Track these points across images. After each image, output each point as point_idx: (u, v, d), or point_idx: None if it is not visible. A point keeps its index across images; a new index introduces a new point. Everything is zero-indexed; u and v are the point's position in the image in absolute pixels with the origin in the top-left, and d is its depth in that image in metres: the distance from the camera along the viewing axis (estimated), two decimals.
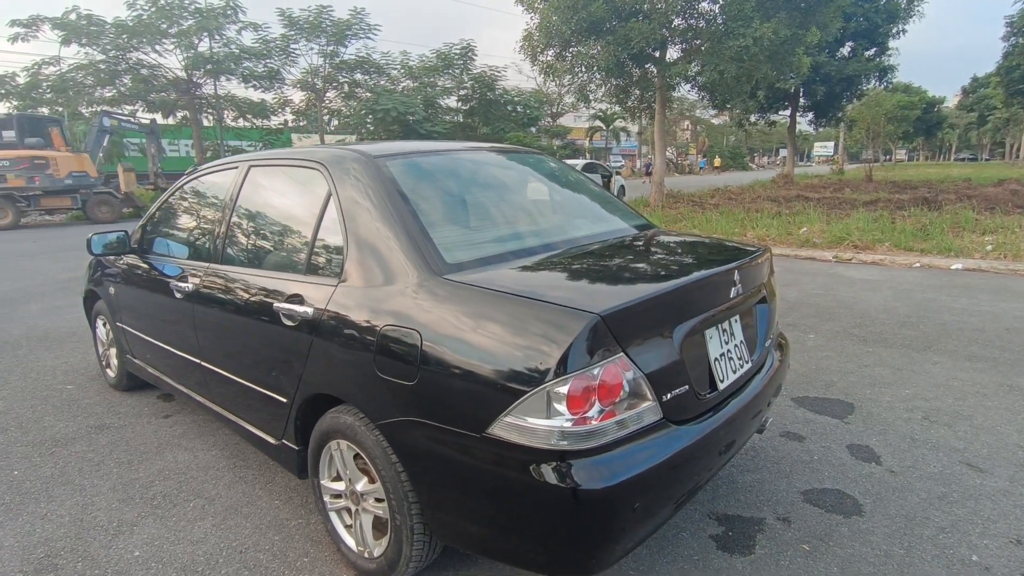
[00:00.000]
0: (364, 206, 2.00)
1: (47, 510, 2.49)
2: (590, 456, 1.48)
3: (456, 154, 2.50)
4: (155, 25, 20.06)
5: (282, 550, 2.21)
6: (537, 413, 1.47)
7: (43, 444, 3.08)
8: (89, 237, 3.09)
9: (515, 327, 1.55)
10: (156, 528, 2.36)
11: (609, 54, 12.99)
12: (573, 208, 2.63)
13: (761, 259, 2.23)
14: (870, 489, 2.52)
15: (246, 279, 2.37)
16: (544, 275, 1.84)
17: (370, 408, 1.82)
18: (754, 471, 2.69)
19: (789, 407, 3.35)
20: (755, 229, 10.40)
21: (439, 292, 1.73)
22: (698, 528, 2.29)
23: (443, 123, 27.61)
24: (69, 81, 20.28)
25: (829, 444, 2.92)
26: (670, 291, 1.68)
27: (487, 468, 1.56)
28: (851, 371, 3.90)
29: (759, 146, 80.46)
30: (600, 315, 1.47)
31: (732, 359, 1.96)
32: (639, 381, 1.56)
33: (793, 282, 6.78)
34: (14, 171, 14.72)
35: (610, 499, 1.47)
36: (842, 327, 4.91)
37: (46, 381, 3.99)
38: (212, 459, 2.90)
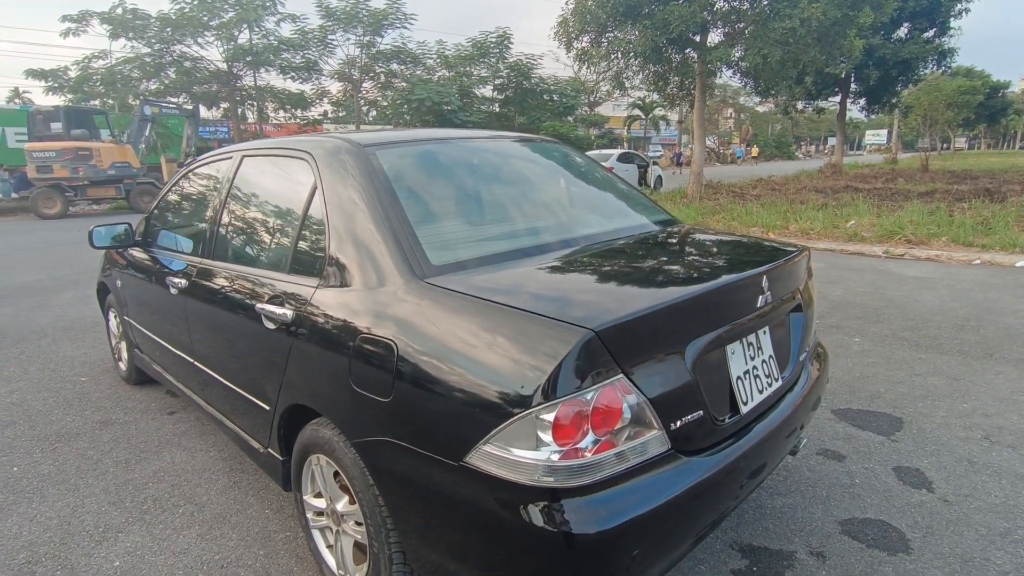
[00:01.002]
0: (347, 199, 1.82)
1: (37, 511, 2.42)
2: (582, 494, 1.27)
3: (457, 143, 2.29)
4: (197, 18, 20.45)
5: (265, 567, 2.07)
6: (520, 443, 1.27)
7: (47, 439, 3.04)
8: (91, 229, 3.02)
9: (498, 342, 1.35)
10: (141, 536, 2.25)
11: (647, 39, 12.51)
12: (586, 202, 2.39)
13: (796, 261, 1.96)
14: (919, 521, 2.22)
15: (234, 276, 2.23)
16: (540, 280, 1.62)
17: (346, 424, 1.65)
18: (786, 495, 2.42)
19: (829, 420, 3.04)
20: (798, 222, 9.87)
21: (418, 298, 1.53)
22: (719, 560, 2.04)
23: (478, 113, 27.42)
24: (117, 74, 20.90)
25: (873, 465, 2.62)
26: (682, 301, 1.44)
27: (465, 502, 1.36)
28: (900, 380, 3.55)
29: (806, 134, 77.50)
30: (595, 331, 1.25)
31: (759, 377, 1.71)
32: (642, 407, 1.33)
33: (838, 279, 6.35)
34: (60, 161, 15.23)
35: (604, 546, 1.26)
36: (891, 330, 4.52)
37: (62, 372, 3.99)
38: (209, 461, 2.80)
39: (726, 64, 14.32)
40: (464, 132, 2.43)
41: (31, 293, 6.44)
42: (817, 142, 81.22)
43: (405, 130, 2.32)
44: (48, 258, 8.80)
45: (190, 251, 2.63)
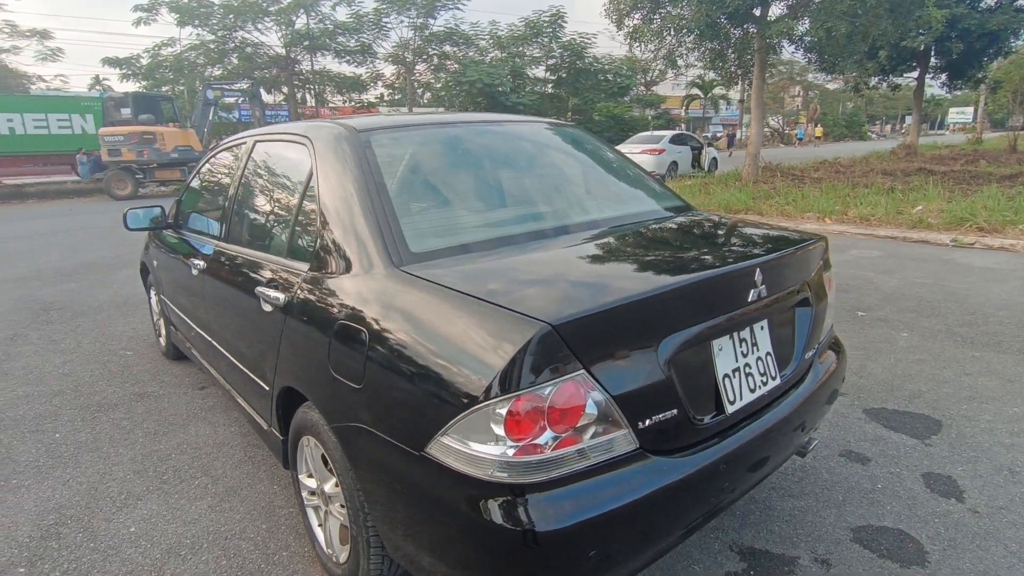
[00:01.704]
0: (337, 183, 1.83)
1: (71, 476, 2.59)
2: (539, 491, 1.24)
3: (457, 127, 2.25)
4: (257, 4, 21.06)
5: (265, 540, 2.14)
6: (476, 436, 1.24)
7: (88, 409, 3.25)
8: (125, 212, 3.17)
9: (460, 332, 1.32)
10: (157, 504, 2.38)
11: (701, 14, 11.98)
12: (587, 188, 2.31)
13: (801, 252, 1.82)
14: (942, 533, 2.07)
15: (242, 258, 2.30)
16: (516, 269, 1.58)
17: (326, 409, 1.67)
18: (798, 497, 2.30)
19: (858, 420, 2.87)
20: (858, 207, 9.30)
21: (393, 285, 1.53)
22: (714, 562, 1.97)
23: (530, 94, 27.13)
24: (184, 61, 21.85)
25: (900, 470, 2.45)
26: (653, 296, 1.36)
27: (425, 491, 1.36)
28: (947, 380, 3.30)
29: (882, 113, 72.71)
30: (552, 324, 1.20)
31: (752, 375, 1.61)
32: (607, 404, 1.28)
33: (895, 269, 5.96)
34: (127, 145, 16.16)
35: (558, 545, 1.22)
36: (946, 325, 4.21)
37: (111, 346, 4.24)
38: (229, 436, 2.91)
39: (787, 39, 13.55)
40: (467, 116, 2.39)
41: (94, 270, 6.88)
42: (893, 121, 76.09)
43: (411, 115, 2.30)
44: (114, 237, 9.35)
45: (209, 233, 2.72)
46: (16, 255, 8.18)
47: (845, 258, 6.55)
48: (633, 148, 17.03)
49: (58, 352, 4.14)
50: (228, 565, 2.02)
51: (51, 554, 2.10)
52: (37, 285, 6.23)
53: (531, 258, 1.65)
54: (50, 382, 3.62)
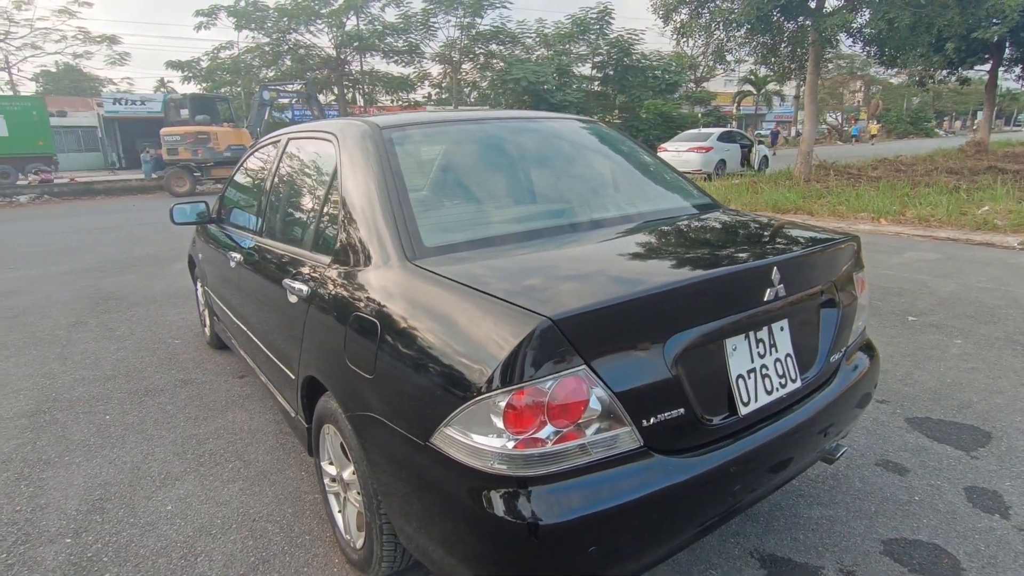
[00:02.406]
0: (358, 179, 1.87)
1: (117, 455, 2.75)
2: (537, 484, 1.24)
3: (479, 125, 2.27)
4: (310, 7, 21.69)
5: (290, 524, 2.22)
6: (478, 428, 1.26)
7: (137, 393, 3.43)
8: (172, 207, 3.32)
9: (464, 325, 1.34)
10: (193, 485, 2.49)
11: (750, 7, 11.62)
12: (608, 185, 2.28)
13: (830, 251, 1.76)
14: (982, 550, 1.95)
15: (272, 251, 2.38)
16: (525, 264, 1.58)
17: (343, 398, 1.72)
18: (828, 505, 2.22)
19: (898, 429, 2.74)
20: (917, 207, 8.85)
21: (404, 279, 1.55)
22: (733, 567, 1.92)
23: (576, 92, 26.98)
24: (241, 63, 22.73)
25: (941, 483, 2.33)
26: (659, 293, 1.34)
27: (431, 481, 1.38)
28: (1001, 390, 3.11)
29: (951, 109, 68.78)
30: (553, 319, 1.20)
31: (769, 376, 1.56)
32: (610, 400, 1.27)
33: (953, 272, 5.65)
34: (183, 144, 16.99)
35: (558, 539, 1.22)
36: (1005, 332, 3.96)
37: (161, 335, 4.47)
38: (263, 423, 3.03)
39: (845, 31, 12.99)
40: (491, 113, 2.40)
41: (151, 263, 7.25)
42: (964, 117, 71.86)
43: (436, 112, 2.33)
44: (169, 232, 9.78)
45: (246, 227, 2.83)
46: (83, 247, 8.71)
47: (899, 260, 6.25)
48: (679, 146, 16.71)
49: (113, 339, 4.39)
50: (254, 546, 2.10)
51: (95, 527, 2.23)
52: (99, 276, 6.61)
53: (541, 253, 1.65)
54: (104, 367, 3.84)
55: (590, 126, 2.61)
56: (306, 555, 2.05)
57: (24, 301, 5.61)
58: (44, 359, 4.02)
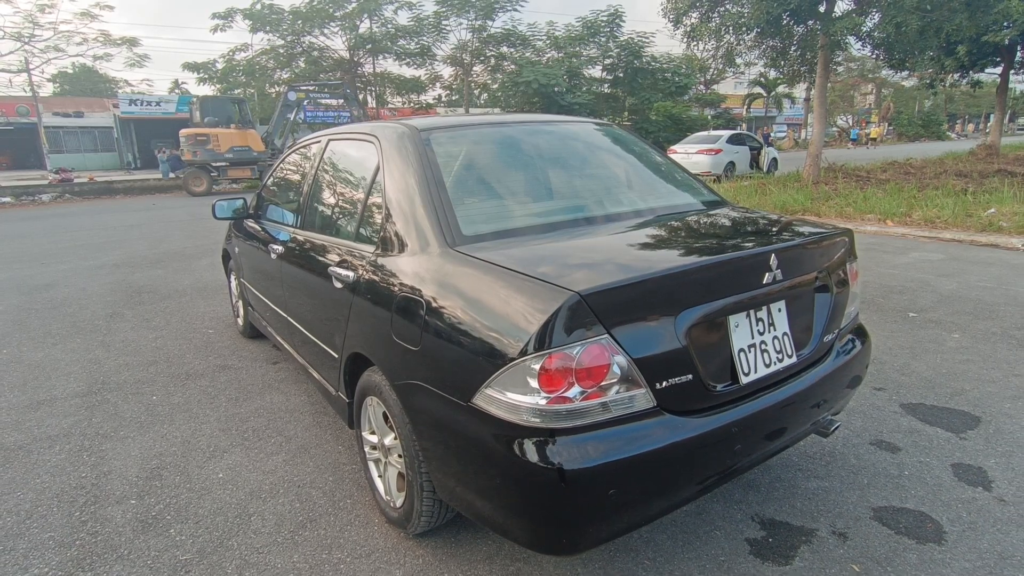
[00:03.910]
0: (399, 176, 2.09)
1: (167, 431, 2.99)
2: (564, 436, 1.45)
3: (506, 127, 2.49)
4: (324, 10, 22.04)
5: (332, 490, 2.44)
6: (515, 388, 1.47)
7: (179, 377, 3.67)
8: (214, 203, 3.56)
9: (502, 300, 1.55)
10: (240, 457, 2.72)
11: (760, 11, 11.78)
12: (624, 182, 2.49)
13: (824, 242, 1.96)
14: (963, 516, 2.15)
15: (316, 243, 2.60)
16: (554, 250, 1.79)
17: (388, 369, 1.93)
18: (823, 478, 2.42)
19: (893, 413, 2.93)
20: (924, 209, 8.99)
21: (446, 262, 1.77)
22: (735, 529, 2.12)
23: (586, 94, 27.19)
24: (255, 65, 23.12)
25: (930, 460, 2.52)
26: (671, 274, 1.55)
27: (471, 436, 1.59)
28: (993, 380, 3.29)
29: (963, 112, 68.34)
30: (580, 294, 1.41)
31: (767, 352, 1.77)
32: (628, 364, 1.48)
33: (956, 272, 5.81)
34: (187, 146, 17.42)
35: (581, 481, 1.43)
36: (1001, 327, 4.13)
37: (195, 325, 4.72)
38: (300, 403, 3.26)
39: (854, 35, 13.12)
40: (516, 116, 2.61)
41: (178, 259, 7.52)
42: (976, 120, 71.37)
43: (466, 116, 2.55)
44: (193, 229, 10.13)
45: (286, 222, 3.06)
46: (110, 244, 9.01)
47: (903, 260, 6.41)
48: (689, 148, 16.86)
49: (150, 329, 4.64)
50: (301, 508, 2.33)
51: (155, 491, 2.46)
52: (129, 271, 6.89)
53: (567, 241, 1.86)
54: (145, 354, 4.09)
55: (604, 128, 2.82)
56: (348, 516, 2.27)
57: (61, 293, 5.89)
58: (88, 346, 4.27)
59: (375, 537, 2.14)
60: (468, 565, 1.98)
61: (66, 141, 32.51)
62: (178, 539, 2.16)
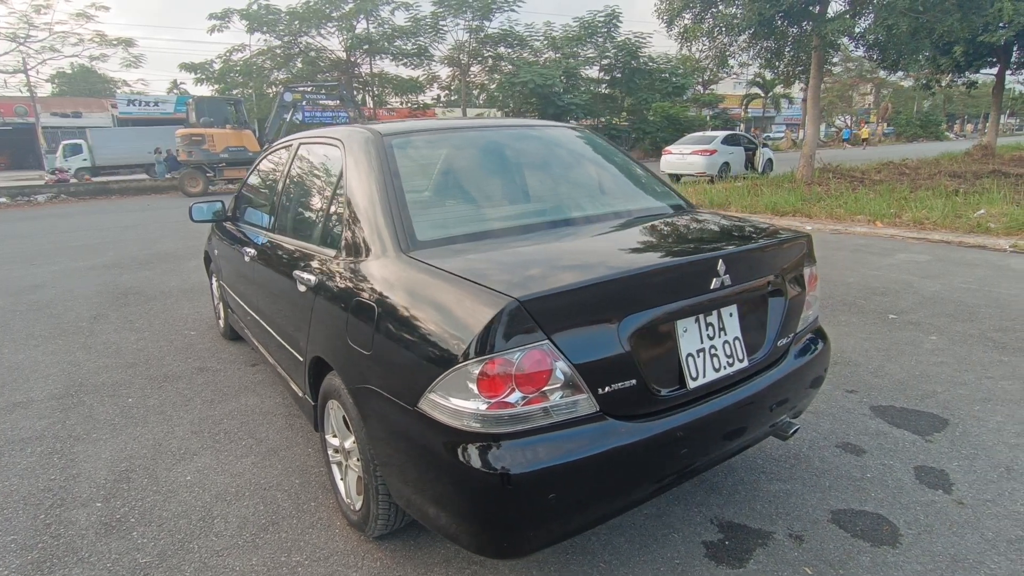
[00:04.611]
0: (360, 181, 2.10)
1: (140, 433, 3.00)
2: (506, 441, 1.47)
3: (471, 132, 2.50)
4: (321, 10, 22.06)
5: (297, 493, 2.45)
6: (457, 393, 1.48)
7: (156, 379, 3.69)
8: (191, 206, 3.57)
9: (446, 306, 1.56)
10: (210, 459, 2.73)
11: (752, 12, 11.79)
12: (587, 186, 2.50)
13: (776, 247, 1.97)
14: (920, 519, 2.16)
15: (284, 246, 2.62)
16: (505, 255, 1.80)
17: (344, 373, 1.95)
18: (785, 481, 2.43)
19: (862, 416, 2.94)
20: (913, 211, 8.99)
21: (399, 268, 1.78)
22: (693, 531, 2.14)
23: (582, 94, 27.20)
24: (252, 65, 23.14)
25: (893, 462, 2.53)
26: (612, 280, 1.56)
27: (417, 440, 1.61)
28: (965, 382, 3.30)
29: (962, 112, 68.33)
30: (519, 300, 1.43)
31: (717, 356, 1.78)
32: (570, 371, 1.49)
33: (940, 273, 5.82)
34: (182, 147, 17.47)
35: (521, 486, 1.44)
36: (979, 330, 4.14)
37: (177, 327, 4.73)
38: (274, 406, 3.27)
39: (847, 36, 13.14)
40: (484, 122, 2.62)
41: (166, 260, 7.54)
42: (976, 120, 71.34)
43: (435, 120, 2.56)
44: (186, 230, 10.12)
45: (260, 225, 3.08)
46: (103, 245, 9.03)
47: (889, 262, 6.42)
48: (683, 148, 16.87)
49: (133, 330, 4.66)
50: (265, 510, 2.34)
51: (122, 494, 2.48)
52: (118, 272, 6.91)
53: (518, 246, 1.87)
54: (125, 355, 4.10)
55: (576, 133, 2.83)
56: (311, 519, 2.28)
57: (48, 295, 5.90)
58: (69, 348, 4.29)
59: (335, 540, 2.15)
60: (425, 568, 1.99)
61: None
62: (140, 542, 2.17)
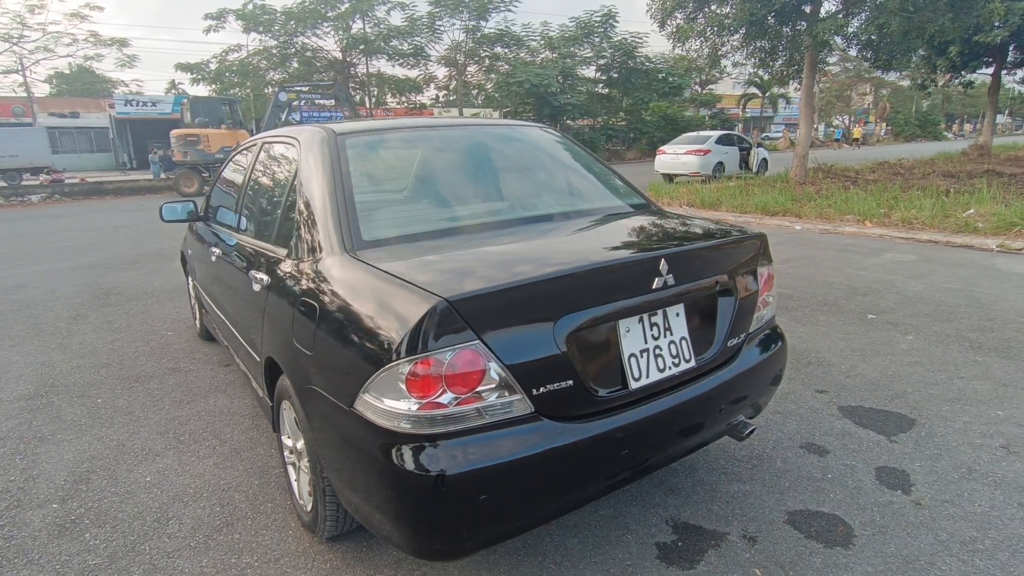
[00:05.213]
0: (310, 180, 2.09)
1: (105, 434, 2.99)
2: (437, 442, 1.45)
3: (428, 132, 2.49)
4: (316, 10, 22.06)
5: (255, 493, 2.44)
6: (389, 393, 1.47)
7: (128, 379, 3.67)
8: (161, 205, 3.56)
9: (381, 306, 1.55)
10: (171, 460, 2.72)
11: (744, 12, 11.78)
12: (544, 186, 2.49)
13: (725, 247, 1.96)
14: (876, 520, 2.14)
15: (244, 245, 2.61)
16: (446, 255, 1.79)
17: (292, 374, 1.93)
18: (745, 481, 2.42)
19: (830, 416, 2.93)
20: (903, 210, 8.98)
21: (342, 268, 1.77)
22: (647, 532, 2.12)
23: (579, 94, 27.18)
24: (248, 65, 23.14)
25: (855, 463, 2.52)
26: (546, 279, 1.54)
27: (353, 440, 1.59)
28: (937, 382, 3.29)
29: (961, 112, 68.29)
30: (448, 300, 1.41)
31: (662, 356, 1.76)
32: (502, 371, 1.48)
33: (924, 273, 5.81)
34: (177, 147, 17.46)
35: (452, 488, 1.43)
36: (957, 330, 4.13)
37: (155, 327, 4.72)
38: (243, 407, 3.25)
39: (840, 35, 13.11)
40: (446, 120, 2.62)
41: (152, 260, 7.53)
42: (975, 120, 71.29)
43: (391, 119, 2.55)
44: (175, 231, 10.07)
45: (225, 224, 3.07)
46: (91, 245, 9.02)
47: (875, 262, 6.41)
48: (677, 148, 16.85)
49: (111, 331, 4.64)
50: (221, 512, 2.32)
51: (80, 495, 2.46)
52: (103, 272, 6.90)
53: (463, 246, 1.86)
54: (99, 356, 4.09)
55: (541, 133, 2.82)
56: (266, 520, 2.27)
57: (30, 295, 5.89)
58: (45, 349, 4.28)
59: (288, 541, 2.14)
60: (374, 569, 1.98)
61: (62, 141, 32.48)
62: (92, 543, 2.16)
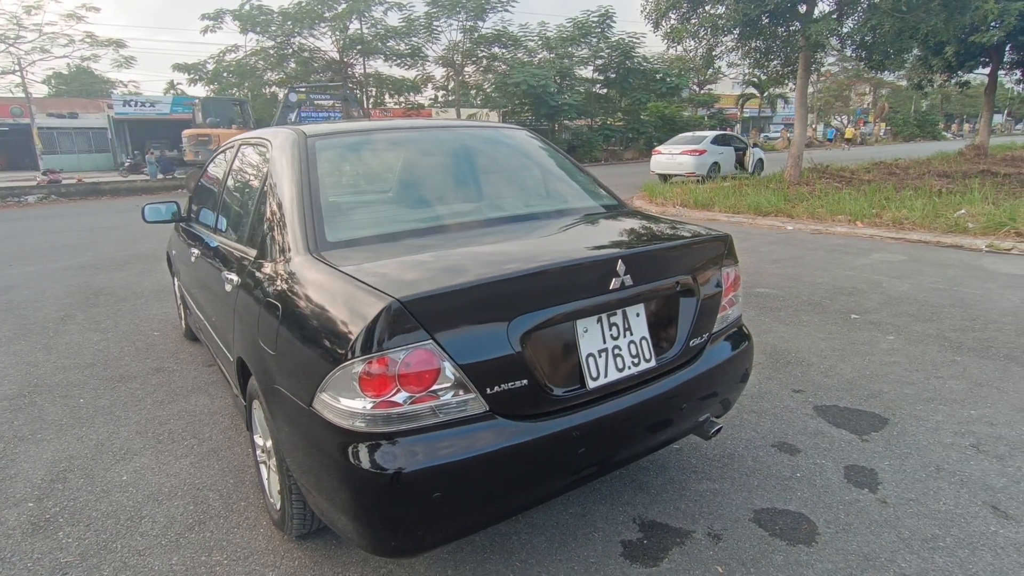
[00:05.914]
0: (279, 181, 2.12)
1: (85, 434, 3.01)
2: (391, 440, 1.47)
3: (401, 133, 2.51)
4: (313, 11, 22.09)
5: (230, 492, 2.46)
6: (344, 392, 1.49)
7: (111, 379, 3.69)
8: (143, 207, 3.58)
9: (337, 306, 1.57)
10: (149, 460, 2.74)
11: (737, 12, 11.80)
12: (514, 187, 2.51)
13: (685, 247, 1.98)
14: (840, 518, 2.16)
15: (218, 246, 2.63)
16: (406, 256, 1.80)
17: (257, 373, 1.96)
18: (715, 480, 2.44)
19: (804, 416, 2.95)
20: (894, 210, 9.00)
21: (303, 268, 1.79)
22: (614, 530, 2.14)
23: (577, 94, 27.20)
24: (245, 66, 23.16)
25: (825, 462, 2.54)
26: (497, 280, 1.56)
27: (311, 438, 1.61)
28: (913, 382, 3.31)
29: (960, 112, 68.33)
30: (401, 300, 1.43)
31: (621, 356, 1.78)
32: (456, 371, 1.50)
33: (911, 273, 5.83)
34: (189, 147, 17.51)
35: (406, 486, 1.45)
36: (938, 329, 4.15)
37: (142, 327, 4.74)
38: (223, 406, 3.28)
39: (834, 36, 13.13)
40: (418, 122, 2.64)
41: (144, 261, 7.55)
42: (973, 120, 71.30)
43: (363, 121, 2.57)
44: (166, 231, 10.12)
45: (205, 224, 3.09)
46: (84, 245, 9.04)
47: (863, 262, 6.43)
48: (673, 149, 16.87)
49: (98, 331, 4.67)
50: (194, 510, 2.35)
51: (56, 494, 2.48)
52: (93, 272, 6.92)
53: (425, 247, 1.88)
54: (85, 356, 4.11)
55: (514, 134, 2.84)
56: (239, 518, 2.29)
57: (20, 295, 5.91)
58: (31, 349, 4.30)
59: (258, 539, 2.16)
60: (342, 567, 2.00)
61: (60, 142, 32.52)
62: (65, 542, 2.18)
